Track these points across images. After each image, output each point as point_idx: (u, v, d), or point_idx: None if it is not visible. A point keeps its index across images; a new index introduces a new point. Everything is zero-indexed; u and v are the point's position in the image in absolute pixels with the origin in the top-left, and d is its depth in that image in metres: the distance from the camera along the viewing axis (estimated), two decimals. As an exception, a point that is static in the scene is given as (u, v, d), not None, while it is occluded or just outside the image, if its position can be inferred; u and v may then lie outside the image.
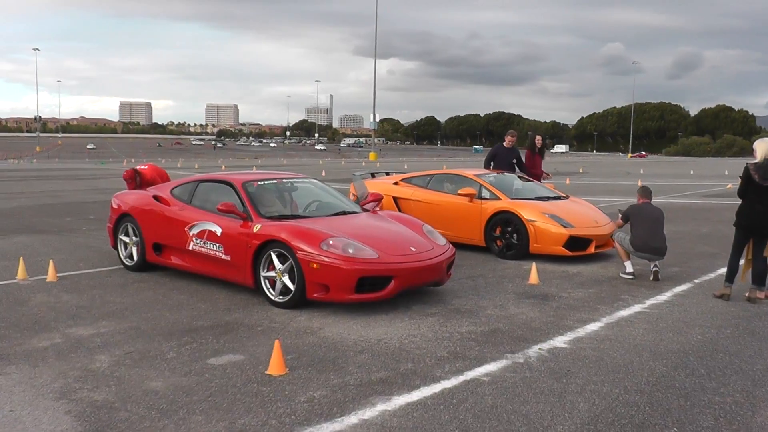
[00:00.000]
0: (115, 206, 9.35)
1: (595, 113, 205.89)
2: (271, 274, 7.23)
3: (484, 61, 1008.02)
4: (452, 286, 8.24)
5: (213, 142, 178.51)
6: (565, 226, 9.79)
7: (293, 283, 7.02)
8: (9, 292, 7.94)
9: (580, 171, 46.19)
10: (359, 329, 6.43)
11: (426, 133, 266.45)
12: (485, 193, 10.74)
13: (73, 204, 18.87)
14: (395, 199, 11.89)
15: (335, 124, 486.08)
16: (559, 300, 7.67)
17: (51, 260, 8.82)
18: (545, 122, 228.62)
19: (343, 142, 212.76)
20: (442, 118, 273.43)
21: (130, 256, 9.10)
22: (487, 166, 13.10)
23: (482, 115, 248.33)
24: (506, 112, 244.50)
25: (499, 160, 13.03)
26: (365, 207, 8.77)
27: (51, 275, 8.57)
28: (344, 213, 8.16)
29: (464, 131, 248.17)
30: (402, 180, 12.27)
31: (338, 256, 6.76)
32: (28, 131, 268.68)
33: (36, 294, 7.84)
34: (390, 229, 7.77)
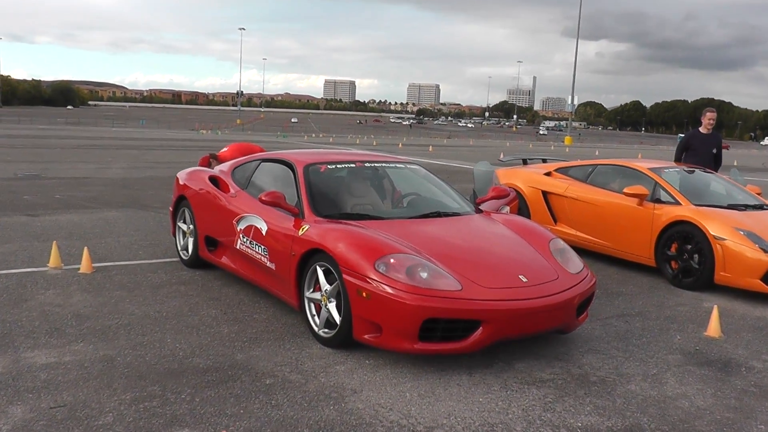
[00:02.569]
0: (176, 185, 7.58)
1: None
2: (317, 296, 5.08)
3: (698, 44, 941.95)
4: (590, 329, 5.67)
5: (408, 121, 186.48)
6: (766, 250, 6.80)
7: (340, 313, 4.83)
8: (23, 283, 6.40)
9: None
10: (413, 399, 4.13)
11: (630, 118, 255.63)
12: (661, 195, 7.91)
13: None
14: (544, 194, 9.29)
15: (536, 107, 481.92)
16: (749, 374, 4.89)
17: (86, 248, 7.19)
18: (757, 111, 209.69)
19: (542, 125, 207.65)
20: (648, 103, 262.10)
21: (186, 249, 7.30)
22: (678, 158, 9.99)
23: (690, 101, 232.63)
24: (716, 98, 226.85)
25: (694, 151, 9.80)
26: (481, 207, 6.37)
27: (85, 265, 6.96)
28: (441, 215, 5.79)
29: (670, 118, 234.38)
30: (556, 170, 9.61)
31: (396, 283, 4.45)
32: (233, 105, 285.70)
33: (48, 290, 6.23)
34: (497, 243, 5.33)
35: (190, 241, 7.15)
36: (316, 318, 5.10)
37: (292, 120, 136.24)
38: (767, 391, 4.55)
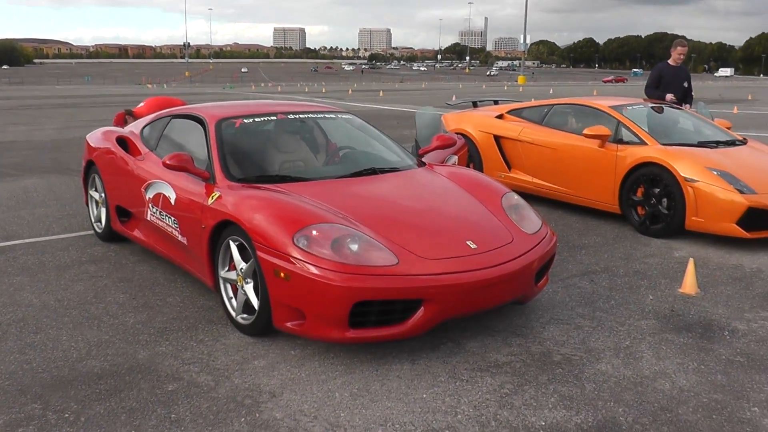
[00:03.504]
0: (86, 148, 6.68)
1: (765, 33, 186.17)
2: (232, 276, 4.32)
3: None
4: (551, 293, 5.02)
5: (351, 67, 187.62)
6: (741, 191, 6.18)
7: (257, 296, 4.09)
8: None
9: (749, 98, 38.89)
10: (343, 401, 3.43)
11: (583, 56, 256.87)
12: (624, 134, 7.22)
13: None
14: (496, 138, 8.55)
15: (489, 47, 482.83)
16: (733, 339, 4.28)
17: (-14, 225, 6.33)
18: (710, 43, 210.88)
19: (495, 65, 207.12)
20: (601, 40, 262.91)
21: (99, 220, 6.47)
22: (651, 93, 9.08)
23: (644, 36, 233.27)
24: (670, 32, 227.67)
25: (666, 85, 8.96)
26: (424, 159, 5.63)
27: (-15, 246, 6.13)
28: (376, 171, 4.99)
29: (624, 54, 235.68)
30: (509, 112, 8.86)
31: (319, 260, 3.70)
32: (181, 57, 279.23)
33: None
34: (440, 203, 4.59)
35: (103, 211, 6.31)
36: (233, 301, 4.36)
37: (242, 70, 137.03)
38: (755, 360, 3.94)
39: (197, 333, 4.30)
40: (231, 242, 4.23)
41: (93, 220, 6.57)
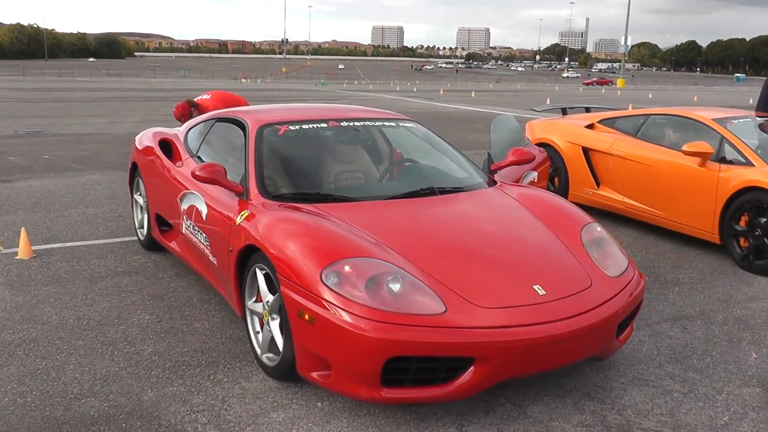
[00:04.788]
0: (133, 150, 6.26)
1: None
2: (259, 308, 3.75)
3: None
4: (637, 341, 4.25)
5: (457, 66, 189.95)
6: None
7: (282, 335, 3.50)
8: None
9: None
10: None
11: (685, 59, 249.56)
12: (728, 152, 6.33)
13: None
14: (585, 151, 7.75)
15: (589, 49, 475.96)
16: None
17: (23, 229, 5.94)
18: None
19: (594, 67, 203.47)
20: (704, 42, 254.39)
21: (143, 226, 6.04)
22: (764, 106, 7.85)
23: (748, 39, 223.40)
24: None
25: None
26: (497, 176, 4.93)
27: (23, 250, 5.77)
28: (435, 192, 4.28)
29: (727, 57, 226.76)
30: (600, 122, 8.02)
31: (350, 303, 3.07)
32: (279, 53, 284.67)
33: (-44, 285, 5.05)
34: (506, 234, 3.89)
35: (146, 217, 5.87)
36: (259, 336, 3.78)
37: (339, 66, 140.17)
38: None
39: (217, 371, 3.75)
40: (258, 270, 3.66)
41: (137, 226, 6.16)
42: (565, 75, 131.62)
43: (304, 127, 4.68)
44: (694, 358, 4.04)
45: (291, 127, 4.60)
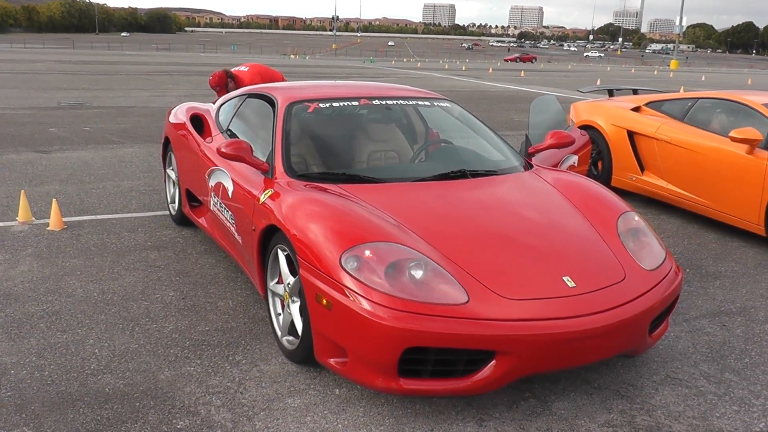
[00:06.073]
0: (166, 123, 6.23)
1: None
2: (280, 290, 3.66)
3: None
4: (671, 340, 4.07)
5: (509, 44, 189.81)
6: None
7: (302, 320, 3.40)
8: (-36, 245, 5.28)
9: None
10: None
11: (741, 40, 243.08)
12: (779, 141, 6.06)
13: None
14: (630, 134, 7.50)
15: (644, 29, 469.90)
16: None
17: (54, 200, 5.96)
18: None
19: (648, 47, 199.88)
20: (761, 24, 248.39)
21: (174, 201, 6.01)
22: None
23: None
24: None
25: None
26: (534, 160, 4.76)
27: (54, 221, 5.80)
28: (467, 175, 4.13)
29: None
30: (647, 104, 7.76)
31: (369, 289, 2.96)
32: (330, 30, 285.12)
33: (-13, 254, 5.08)
34: (538, 221, 3.74)
35: (177, 192, 5.84)
36: (280, 319, 3.70)
37: (389, 44, 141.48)
38: None
39: (236, 352, 3.68)
40: (279, 251, 3.57)
41: (168, 201, 6.13)
42: (586, 54, 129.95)
43: (335, 104, 4.56)
44: (732, 358, 3.85)
45: (321, 105, 4.50)
